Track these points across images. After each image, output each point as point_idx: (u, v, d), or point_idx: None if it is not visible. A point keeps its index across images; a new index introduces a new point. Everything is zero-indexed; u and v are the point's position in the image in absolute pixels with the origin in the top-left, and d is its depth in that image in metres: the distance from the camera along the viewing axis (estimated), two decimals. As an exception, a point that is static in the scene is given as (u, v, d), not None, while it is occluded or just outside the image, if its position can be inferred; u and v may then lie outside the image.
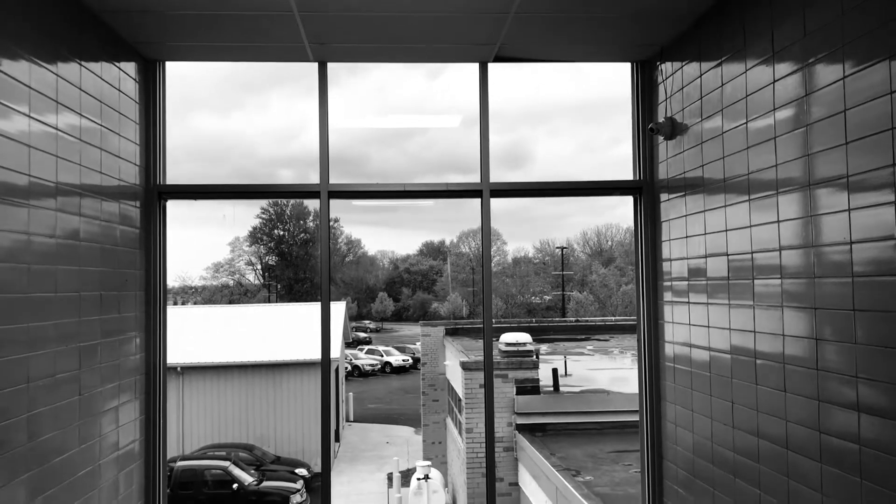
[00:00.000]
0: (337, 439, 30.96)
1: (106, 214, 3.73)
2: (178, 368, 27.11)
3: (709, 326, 3.75)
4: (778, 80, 3.09)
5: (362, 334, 66.50)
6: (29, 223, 3.01)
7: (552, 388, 14.85)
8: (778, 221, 3.11)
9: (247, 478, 22.81)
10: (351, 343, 51.69)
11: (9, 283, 2.85)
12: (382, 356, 54.16)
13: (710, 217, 3.74)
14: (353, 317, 66.60)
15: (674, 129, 4.15)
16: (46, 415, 3.12)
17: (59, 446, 3.23)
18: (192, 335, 28.27)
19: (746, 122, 3.35)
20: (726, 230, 3.57)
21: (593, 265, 74.83)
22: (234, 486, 22.38)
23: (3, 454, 2.78)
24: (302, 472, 25.27)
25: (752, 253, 3.33)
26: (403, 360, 53.41)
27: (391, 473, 23.49)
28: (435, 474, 17.88)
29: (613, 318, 34.54)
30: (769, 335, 3.17)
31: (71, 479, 3.32)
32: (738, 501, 3.40)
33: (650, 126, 4.20)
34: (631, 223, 4.79)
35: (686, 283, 4.03)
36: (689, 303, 4.00)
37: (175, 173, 4.46)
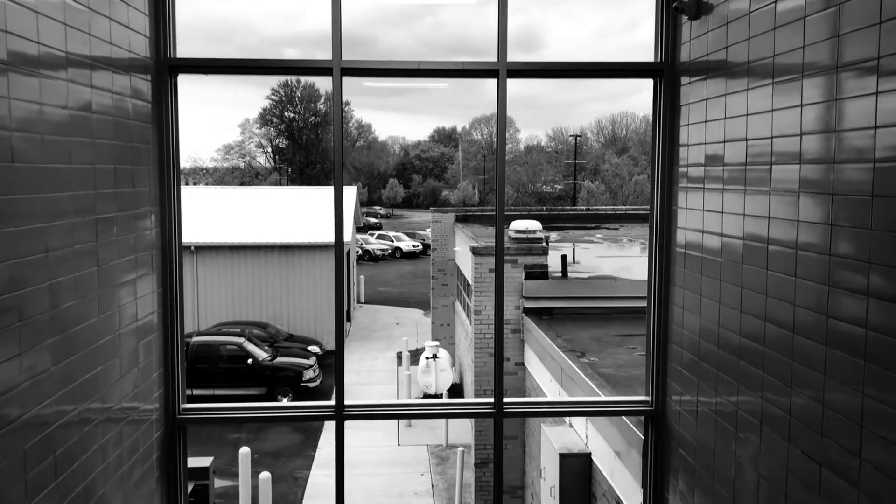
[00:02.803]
0: (348, 319, 31.71)
1: (117, 87, 3.68)
2: (192, 248, 27.50)
3: (722, 212, 3.74)
4: (813, -45, 2.95)
5: (373, 220, 66.90)
6: (41, 93, 2.98)
7: (560, 274, 15.02)
8: (801, 105, 3.04)
9: (261, 353, 23.55)
10: (361, 228, 52.06)
11: (23, 152, 2.85)
12: (393, 241, 54.68)
13: (731, 101, 3.66)
14: (363, 202, 66.73)
15: (699, 9, 4.00)
16: (66, 284, 3.18)
17: (79, 315, 3.31)
18: (205, 215, 28.50)
19: (775, 2, 3.23)
20: (747, 115, 3.50)
21: (606, 154, 74.13)
22: (249, 361, 23.13)
23: (26, 321, 2.86)
24: (314, 349, 26.04)
25: (772, 138, 3.28)
26: (413, 246, 53.96)
27: (401, 353, 24.19)
28: (443, 354, 18.39)
29: (624, 207, 34.50)
30: (783, 221, 3.16)
31: (92, 347, 3.43)
32: (742, 382, 3.49)
33: (675, 4, 4.06)
34: (646, 111, 4.73)
35: (702, 168, 4.00)
36: (703, 189, 3.97)
37: (180, 51, 4.37)
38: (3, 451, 2.71)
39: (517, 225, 14.97)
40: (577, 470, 9.22)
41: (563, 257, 15.38)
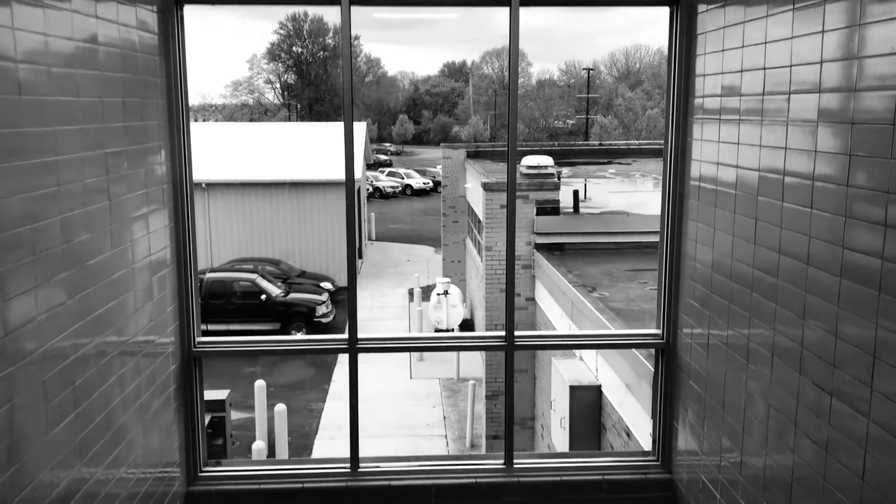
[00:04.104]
0: (360, 256, 31.85)
1: (123, 18, 3.62)
2: (203, 185, 27.49)
3: (738, 144, 3.68)
4: None
5: (383, 157, 66.57)
6: (45, 24, 2.93)
7: (572, 210, 14.97)
8: (822, 32, 2.95)
9: (274, 290, 23.78)
10: (372, 165, 51.84)
11: (30, 85, 2.82)
12: (403, 178, 54.49)
13: (749, 29, 3.57)
14: (373, 139, 66.31)
15: (719, -68, 3.87)
16: (78, 218, 3.19)
17: (92, 250, 3.32)
18: (215, 152, 28.40)
19: (799, -78, 3.11)
20: (765, 43, 3.41)
21: (619, 88, 73.03)
22: (262, 297, 23.37)
23: (39, 255, 2.88)
24: (327, 285, 26.27)
25: (791, 67, 3.20)
26: (424, 183, 53.78)
27: (412, 289, 24.38)
28: (454, 290, 18.50)
29: (637, 142, 34.13)
30: (801, 152, 3.11)
31: (106, 281, 3.45)
32: (754, 314, 3.49)
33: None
34: (660, 44, 4.61)
35: (718, 99, 3.92)
36: (719, 120, 3.90)
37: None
38: (23, 382, 2.76)
39: (529, 160, 14.87)
40: (587, 401, 9.36)
41: (575, 193, 15.31)
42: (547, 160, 14.98)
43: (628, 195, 17.65)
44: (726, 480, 3.83)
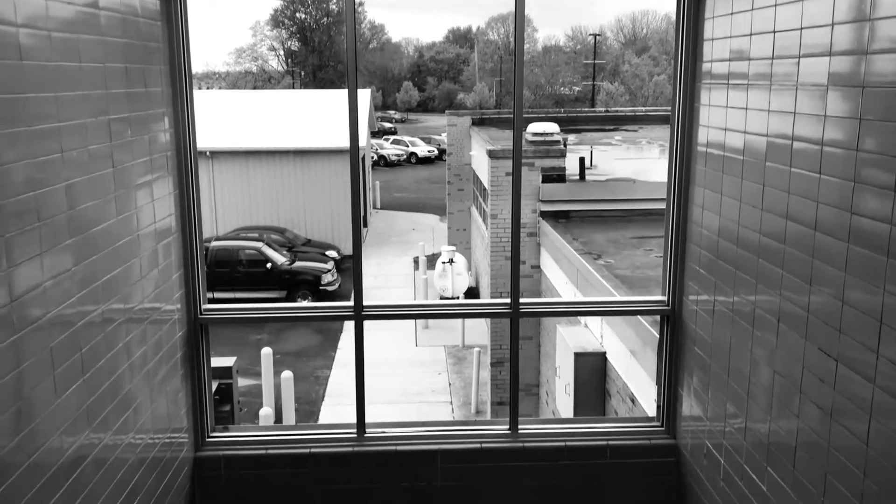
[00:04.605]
0: (365, 224, 31.86)
1: (123, -18, 3.57)
2: (208, 153, 27.43)
3: (747, 109, 3.64)
4: None
5: (387, 124, 66.25)
6: (45, -13, 2.90)
7: (578, 177, 14.90)
8: (834, -7, 2.90)
9: (279, 258, 23.83)
10: (376, 133, 51.55)
11: (31, 50, 2.80)
12: (408, 146, 54.27)
13: (759, -9, 3.51)
14: (377, 107, 65.87)
15: None
16: (82, 185, 3.18)
17: (97, 217, 3.32)
18: (219, 120, 28.29)
19: None
20: (776, 5, 3.35)
21: (626, 54, 72.31)
22: (268, 265, 23.44)
23: (44, 221, 2.87)
24: (332, 254, 26.31)
25: (801, 30, 3.15)
26: (429, 151, 53.56)
27: (417, 257, 24.40)
28: (459, 258, 18.53)
29: (644, 108, 33.87)
30: (810, 116, 3.07)
31: (112, 248, 3.45)
32: (761, 280, 3.48)
33: None
34: (668, 9, 4.54)
35: (727, 64, 3.87)
36: (728, 85, 3.86)
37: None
38: (31, 348, 2.78)
39: (534, 127, 14.75)
40: (592, 368, 9.41)
41: (581, 160, 15.23)
42: (553, 127, 14.85)
43: (634, 162, 17.56)
44: (730, 446, 3.85)
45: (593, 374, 9.42)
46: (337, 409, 15.87)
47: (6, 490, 2.60)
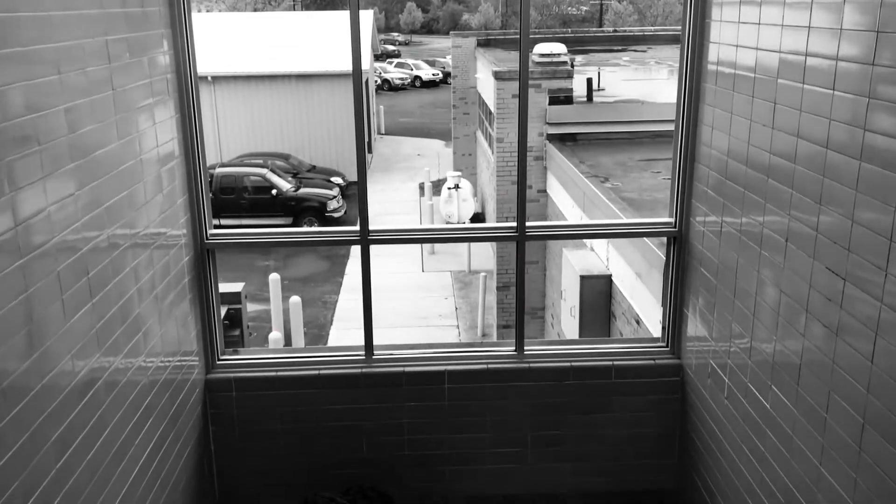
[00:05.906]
0: (370, 150, 31.63)
1: None
2: (209, 77, 27.04)
3: (759, 24, 3.54)
4: None
5: (391, 47, 65.07)
6: None
7: (585, 99, 14.68)
8: None
9: (284, 184, 23.76)
10: (380, 56, 50.62)
11: (23, -33, 2.71)
12: (412, 70, 53.40)
13: None
14: (380, 29, 64.49)
15: None
16: (83, 109, 3.13)
17: (99, 141, 3.28)
18: (220, 44, 27.79)
19: None
20: (794, -87, 3.22)
21: (635, -28, 70.22)
22: (273, 191, 23.38)
23: (45, 144, 2.84)
24: (337, 180, 26.21)
25: (820, -62, 3.02)
26: (433, 75, 52.71)
27: (423, 183, 24.30)
28: (465, 184, 18.44)
29: (653, 28, 33.10)
30: (825, 30, 2.98)
31: (114, 172, 3.42)
32: (770, 200, 3.45)
33: None
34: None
35: (740, -24, 3.74)
36: (740, 1, 3.74)
37: None
38: (38, 272, 2.78)
39: (541, 48, 14.43)
40: (598, 290, 9.46)
41: (589, 80, 14.97)
42: (560, 48, 14.52)
43: (643, 83, 17.25)
44: (735, 365, 3.89)
45: (599, 296, 9.47)
46: (345, 333, 16.08)
47: (21, 411, 2.65)
